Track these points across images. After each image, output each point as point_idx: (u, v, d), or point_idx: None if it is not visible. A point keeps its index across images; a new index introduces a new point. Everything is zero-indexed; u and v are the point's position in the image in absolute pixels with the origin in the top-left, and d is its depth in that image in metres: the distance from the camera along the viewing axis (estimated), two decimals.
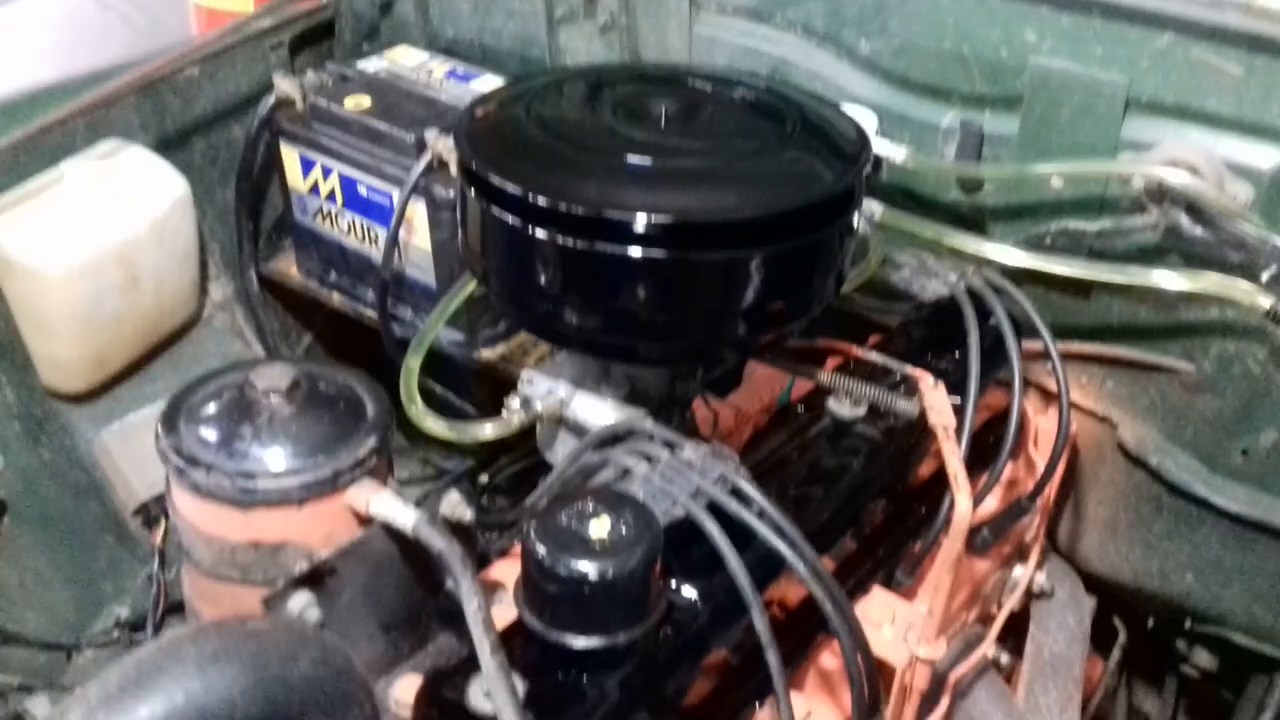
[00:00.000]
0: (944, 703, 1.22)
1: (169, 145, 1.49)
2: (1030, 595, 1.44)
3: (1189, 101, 1.18)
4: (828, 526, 1.12)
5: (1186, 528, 1.40)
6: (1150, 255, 1.27)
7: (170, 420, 0.97)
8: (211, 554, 0.99)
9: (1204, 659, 1.58)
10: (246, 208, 1.61)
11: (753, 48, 1.46)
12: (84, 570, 1.45)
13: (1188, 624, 1.50)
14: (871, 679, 0.95)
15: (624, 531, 0.87)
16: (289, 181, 1.53)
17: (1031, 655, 1.40)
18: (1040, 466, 1.41)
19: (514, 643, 0.89)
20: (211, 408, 0.98)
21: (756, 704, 1.07)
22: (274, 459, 0.94)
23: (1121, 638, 1.63)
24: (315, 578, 0.91)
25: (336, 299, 1.60)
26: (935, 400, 1.16)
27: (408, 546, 0.99)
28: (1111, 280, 1.24)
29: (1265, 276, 1.15)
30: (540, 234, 0.98)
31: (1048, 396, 1.43)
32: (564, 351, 1.14)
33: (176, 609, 1.28)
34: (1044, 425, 1.42)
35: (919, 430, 1.18)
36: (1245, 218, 1.15)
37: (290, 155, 1.51)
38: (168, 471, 0.97)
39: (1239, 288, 1.15)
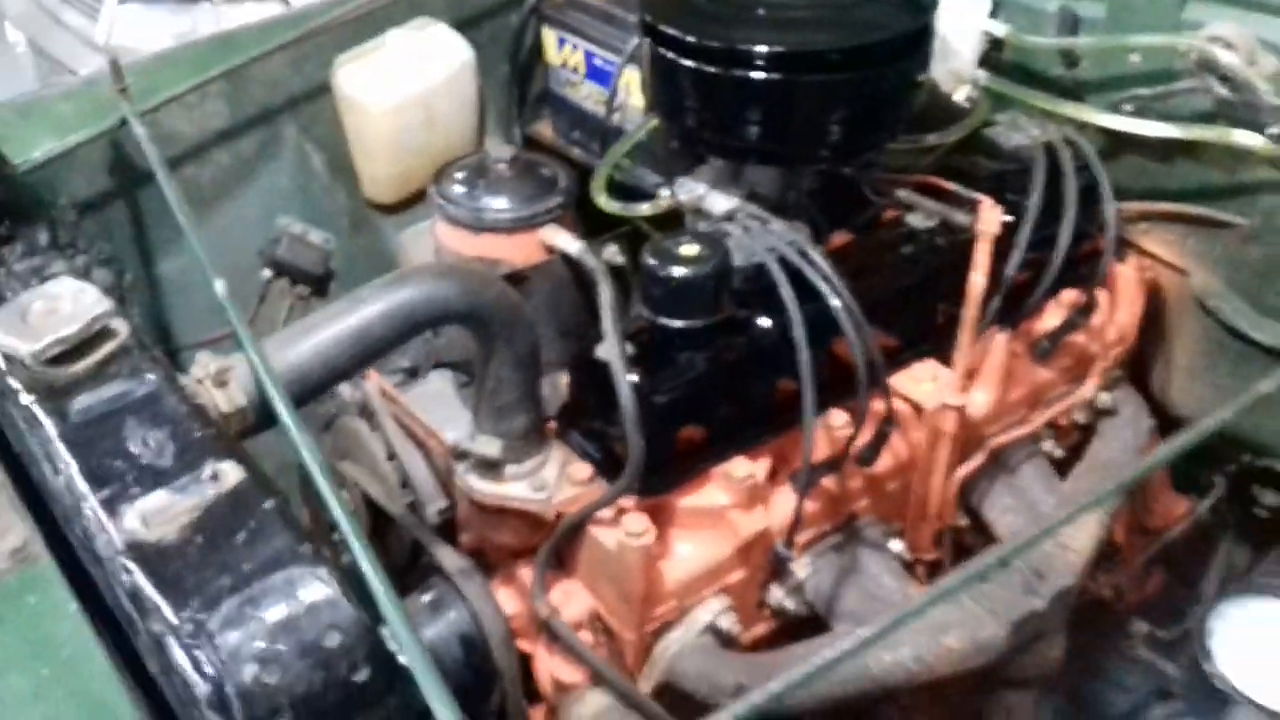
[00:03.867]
0: (979, 458, 1.56)
1: (463, 25, 2.01)
2: (1096, 412, 1.73)
3: None
4: (890, 300, 1.49)
5: (1241, 366, 1.65)
6: (1206, 119, 1.54)
7: (438, 177, 1.48)
8: None
9: (1270, 498, 1.81)
10: (517, 78, 2.11)
11: None
12: None
13: (1246, 458, 1.74)
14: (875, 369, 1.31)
15: (703, 252, 1.30)
16: (547, 57, 2.03)
17: (1087, 457, 1.70)
18: (1119, 310, 1.71)
19: (639, 335, 1.34)
20: (463, 172, 1.48)
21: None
22: (496, 201, 1.42)
23: (1220, 489, 1.88)
24: (514, 279, 1.40)
25: (576, 152, 2.08)
26: (987, 216, 1.49)
27: (580, 277, 1.46)
28: (1157, 135, 1.53)
29: (1272, 131, 1.42)
30: (688, 64, 1.40)
31: (1127, 249, 1.72)
32: (706, 164, 1.56)
33: None
34: (1124, 272, 1.72)
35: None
36: (1260, 85, 1.42)
37: (549, 36, 2.00)
38: (433, 211, 1.48)
39: (1246, 137, 1.43)
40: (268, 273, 1.87)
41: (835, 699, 1.39)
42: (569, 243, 1.40)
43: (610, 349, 1.26)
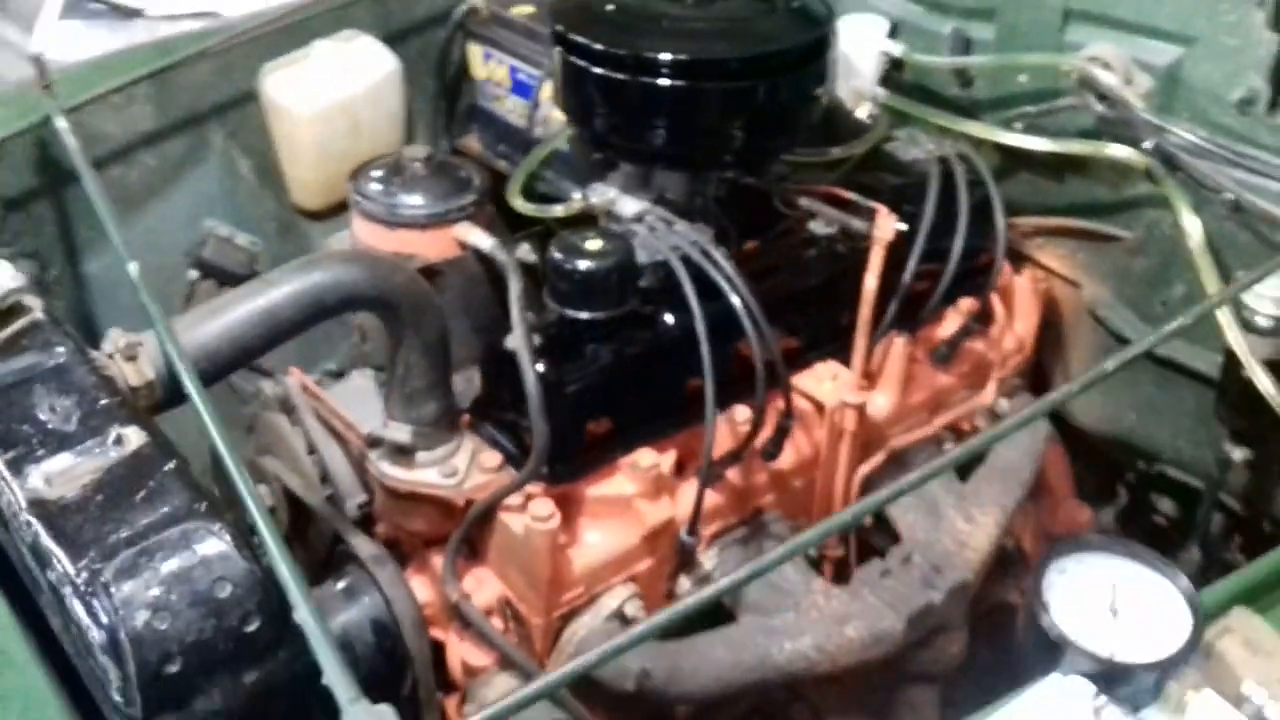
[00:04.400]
0: (880, 457, 1.63)
1: (391, 39, 2.07)
2: (995, 418, 1.80)
3: (1106, 11, 1.56)
4: (792, 302, 1.56)
5: (1130, 373, 1.73)
6: (1089, 136, 1.63)
7: (355, 175, 1.52)
8: None
9: (1167, 506, 1.89)
10: (445, 92, 2.16)
11: None
12: None
13: (1140, 465, 1.83)
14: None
15: (607, 247, 1.36)
16: (473, 72, 2.08)
17: (988, 460, 1.77)
18: (1016, 321, 1.79)
19: (547, 328, 1.39)
20: (380, 170, 1.53)
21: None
22: (411, 198, 1.47)
23: (1121, 498, 1.96)
24: (427, 274, 1.44)
25: (502, 164, 2.13)
26: (882, 223, 1.56)
27: (493, 273, 1.51)
28: (1041, 150, 1.62)
29: (1145, 145, 1.51)
30: (597, 71, 1.47)
31: (1023, 263, 1.81)
32: (618, 170, 1.62)
33: None
34: (1020, 284, 1.80)
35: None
36: (1135, 102, 1.51)
37: (475, 51, 2.06)
38: (351, 208, 1.52)
39: (1120, 151, 1.52)
40: (194, 273, 1.90)
41: (741, 686, 1.44)
42: (481, 239, 1.45)
43: (517, 339, 1.31)
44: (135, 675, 0.84)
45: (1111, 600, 1.12)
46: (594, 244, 1.36)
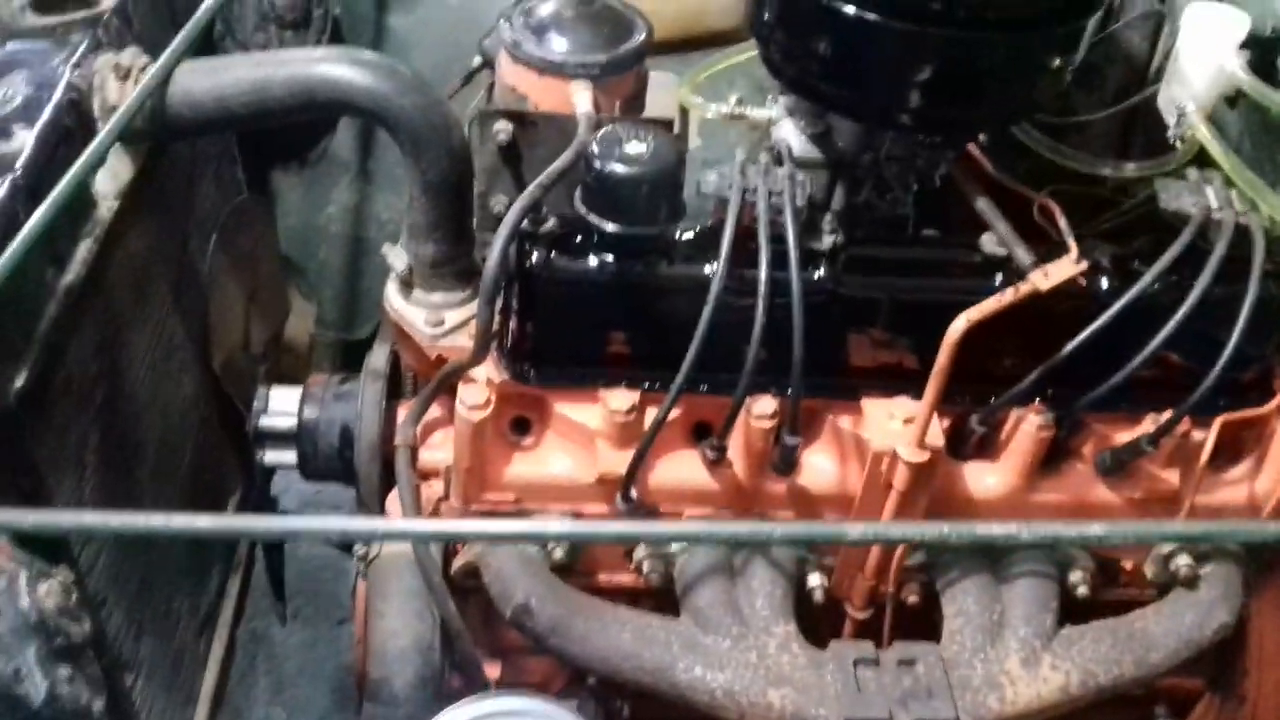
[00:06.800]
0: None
1: None
2: (1168, 574, 1.35)
3: None
4: (900, 312, 1.26)
5: None
6: None
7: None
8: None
9: None
10: None
11: None
12: None
13: None
14: None
15: (644, 154, 1.16)
16: None
17: (1117, 622, 1.33)
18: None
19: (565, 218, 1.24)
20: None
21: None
22: (541, 39, 1.35)
23: None
24: (519, 118, 1.33)
25: None
26: (1055, 269, 1.18)
27: None
28: None
29: None
30: None
31: None
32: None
33: None
34: None
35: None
36: None
37: None
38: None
39: None
40: (478, 59, 1.92)
41: (629, 680, 1.27)
42: (582, 103, 1.30)
43: (513, 213, 1.18)
44: None
45: None
46: (635, 146, 1.17)
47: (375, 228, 2.08)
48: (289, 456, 1.46)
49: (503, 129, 1.33)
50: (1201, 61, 1.30)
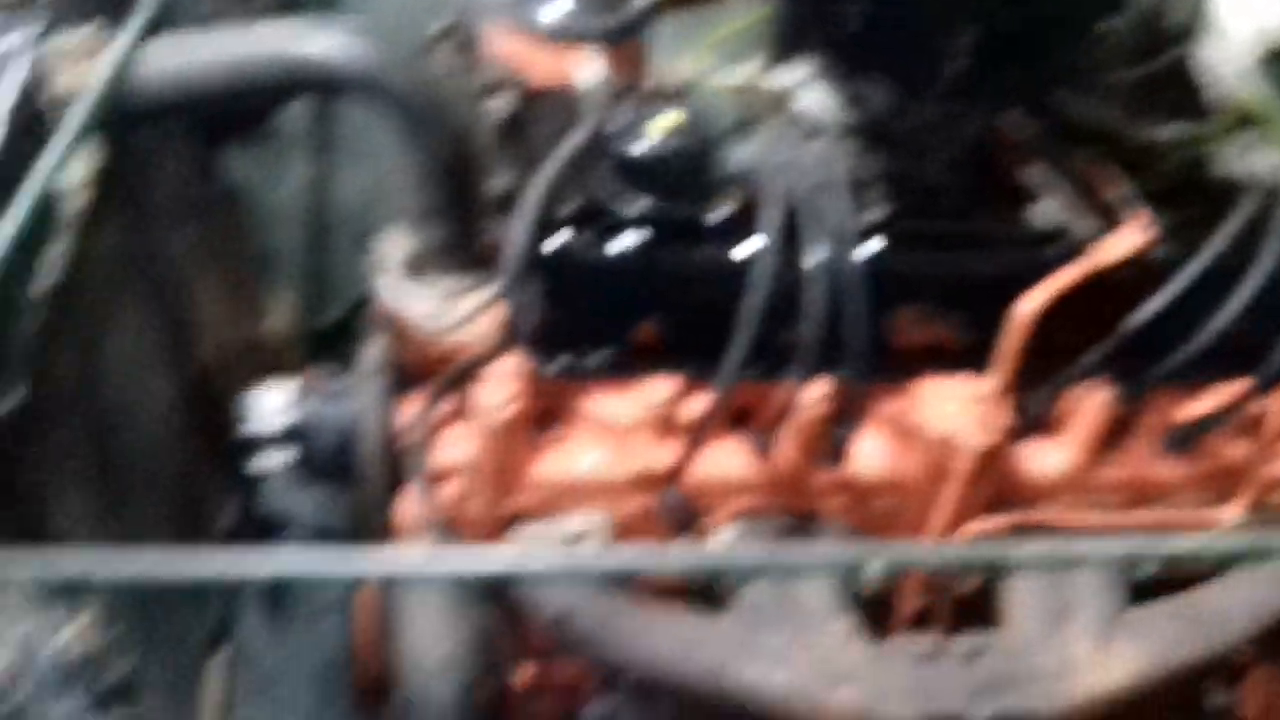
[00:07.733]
0: (1006, 519, 1.22)
1: None
2: None
3: None
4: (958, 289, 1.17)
5: None
6: None
7: None
8: None
9: None
10: None
11: None
12: None
13: None
14: None
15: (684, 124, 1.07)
16: None
17: (1186, 598, 1.27)
18: None
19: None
20: None
21: None
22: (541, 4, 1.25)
23: None
24: (521, 90, 1.22)
25: None
26: (1121, 239, 1.11)
27: None
28: None
29: None
30: None
31: None
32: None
33: None
34: None
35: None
36: None
37: None
38: None
39: None
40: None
41: (678, 687, 1.19)
42: (594, 71, 1.19)
43: (533, 192, 1.08)
44: None
45: None
46: (665, 120, 1.07)
47: (337, 207, 1.95)
48: (282, 460, 1.35)
49: (502, 103, 1.23)
50: (1243, 19, 1.22)
